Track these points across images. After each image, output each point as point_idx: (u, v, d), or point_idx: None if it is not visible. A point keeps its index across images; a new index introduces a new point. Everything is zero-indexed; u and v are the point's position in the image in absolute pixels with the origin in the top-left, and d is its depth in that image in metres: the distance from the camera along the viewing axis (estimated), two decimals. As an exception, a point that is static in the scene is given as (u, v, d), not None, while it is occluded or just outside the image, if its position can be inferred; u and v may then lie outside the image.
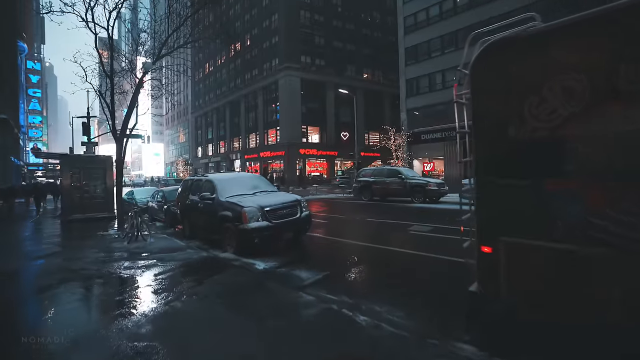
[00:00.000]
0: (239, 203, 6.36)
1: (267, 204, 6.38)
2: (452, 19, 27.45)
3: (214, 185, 7.30)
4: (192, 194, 8.20)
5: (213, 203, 6.97)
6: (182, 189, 9.04)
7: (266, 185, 7.92)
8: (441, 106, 28.57)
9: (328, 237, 7.87)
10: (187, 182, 8.99)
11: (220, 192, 7.04)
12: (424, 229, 8.23)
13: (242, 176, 8.16)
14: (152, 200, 12.86)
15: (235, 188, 7.24)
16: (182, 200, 8.73)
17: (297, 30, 43.31)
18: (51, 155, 13.18)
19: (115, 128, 9.42)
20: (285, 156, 42.52)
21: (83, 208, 12.97)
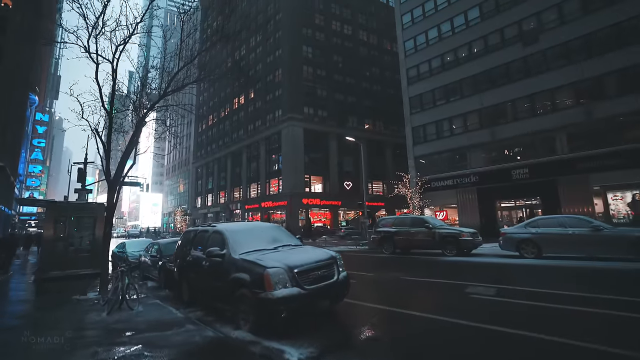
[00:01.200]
0: (260, 262, 4.82)
1: (297, 263, 4.83)
2: (454, 69, 28.13)
3: (224, 237, 5.81)
4: (195, 249, 6.68)
5: (223, 261, 5.43)
6: (183, 242, 7.51)
7: (288, 237, 6.43)
8: (449, 153, 28.08)
9: (370, 304, 6.12)
10: (188, 233, 7.48)
11: (232, 247, 5.53)
12: (486, 291, 6.53)
13: (258, 226, 6.63)
14: (145, 254, 11.14)
15: (252, 241, 5.76)
16: (182, 256, 7.16)
17: (300, 84, 44.83)
18: (36, 203, 11.80)
19: (109, 170, 8.15)
20: (288, 206, 41.14)
21: (64, 263, 11.18)
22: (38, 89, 49.61)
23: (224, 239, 5.77)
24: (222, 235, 5.92)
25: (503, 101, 25.04)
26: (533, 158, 22.98)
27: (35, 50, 43.49)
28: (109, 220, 7.98)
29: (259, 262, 4.79)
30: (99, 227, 11.99)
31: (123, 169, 8.19)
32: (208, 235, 6.44)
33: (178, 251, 7.55)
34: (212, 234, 6.35)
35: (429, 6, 30.82)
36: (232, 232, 5.97)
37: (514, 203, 25.36)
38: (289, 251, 5.50)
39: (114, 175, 8.14)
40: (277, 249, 5.59)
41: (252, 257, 5.08)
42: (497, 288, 6.74)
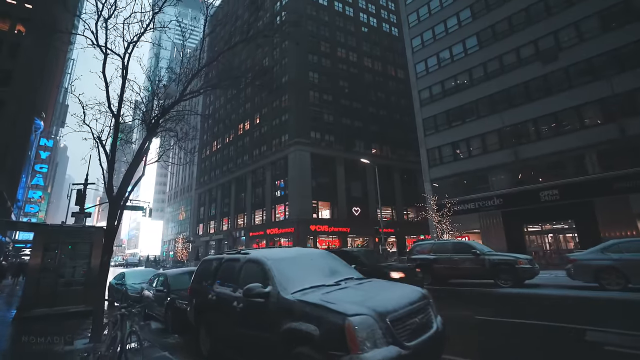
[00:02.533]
0: (331, 305, 3.24)
1: (387, 306, 3.24)
2: (469, 90, 27.47)
3: (266, 269, 4.27)
4: (221, 284, 5.09)
5: (268, 303, 3.84)
6: (200, 273, 5.94)
7: (346, 267, 4.87)
8: (468, 175, 26.73)
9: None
10: (208, 263, 5.91)
11: (280, 283, 3.97)
12: (621, 340, 4.83)
13: (304, 253, 4.97)
14: (148, 287, 9.44)
15: (304, 274, 4.23)
16: (200, 293, 5.56)
17: (307, 108, 44.49)
18: (18, 226, 10.08)
19: (111, 184, 6.72)
20: (295, 233, 39.22)
21: (52, 299, 9.50)
22: (44, 115, 49.43)
23: (266, 272, 4.21)
24: (262, 266, 4.36)
25: (524, 120, 24.07)
26: (562, 178, 21.57)
27: (44, 76, 43.65)
28: (109, 247, 6.43)
29: (330, 306, 3.20)
30: (95, 254, 10.39)
31: (128, 183, 6.74)
32: (239, 266, 4.88)
33: (194, 285, 5.94)
34: (245, 264, 4.79)
35: (439, 29, 30.80)
36: (276, 261, 4.40)
37: (542, 227, 23.65)
38: (360, 287, 3.93)
39: (117, 190, 6.69)
40: (342, 285, 4.03)
41: (315, 297, 3.51)
42: (630, 335, 5.03)
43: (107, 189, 6.79)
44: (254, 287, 3.99)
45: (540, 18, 24.35)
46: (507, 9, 26.24)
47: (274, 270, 4.16)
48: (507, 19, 26.24)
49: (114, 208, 6.77)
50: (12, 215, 37.72)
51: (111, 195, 6.74)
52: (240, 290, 4.50)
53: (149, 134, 6.81)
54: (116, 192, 6.70)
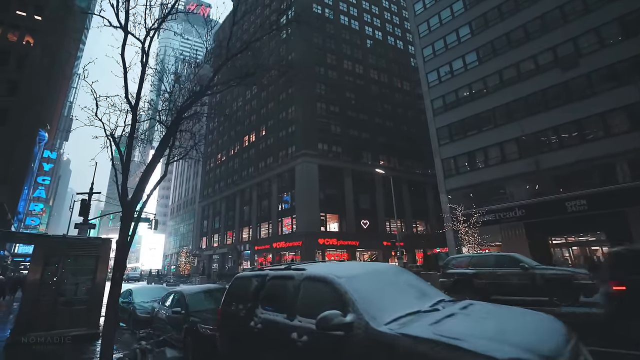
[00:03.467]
0: (463, 344, 2.20)
1: (543, 345, 2.21)
2: (484, 98, 26.79)
3: (340, 290, 3.26)
4: (267, 309, 4.03)
5: (352, 338, 2.82)
6: (234, 294, 4.90)
7: (430, 286, 3.83)
8: (487, 185, 25.69)
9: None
10: (245, 281, 4.87)
11: (365, 309, 2.98)
12: None
13: (376, 269, 3.83)
14: (161, 307, 8.32)
15: (390, 297, 3.22)
16: (236, 319, 4.50)
17: (314, 120, 43.93)
18: (18, 238, 8.96)
19: (126, 188, 5.75)
20: (303, 246, 37.94)
21: (51, 320, 8.38)
22: (49, 127, 49.09)
23: (341, 294, 3.18)
24: (332, 287, 3.33)
25: (544, 128, 23.22)
26: (590, 188, 20.50)
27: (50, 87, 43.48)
28: (121, 261, 5.40)
29: (462, 345, 2.15)
30: (101, 269, 9.33)
31: (145, 185, 5.77)
32: (294, 286, 3.84)
33: (227, 308, 4.87)
34: (303, 282, 3.76)
35: (451, 38, 30.41)
36: (350, 279, 3.36)
37: (568, 239, 22.45)
38: (471, 312, 2.91)
39: (133, 194, 5.72)
40: (441, 309, 3.02)
41: (423, 329, 2.50)
42: None
43: (120, 193, 5.81)
44: (333, 315, 2.95)
45: (557, 25, 23.87)
46: (522, 17, 25.84)
47: (351, 293, 3.13)
48: (522, 26, 25.80)
49: (128, 215, 5.77)
50: (12, 227, 36.67)
51: (125, 199, 5.76)
52: (299, 318, 3.46)
53: (173, 124, 5.88)
54: (131, 196, 5.71)
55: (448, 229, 26.10)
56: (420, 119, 56.94)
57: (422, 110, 58.01)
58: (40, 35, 34.30)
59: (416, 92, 58.65)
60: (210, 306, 7.23)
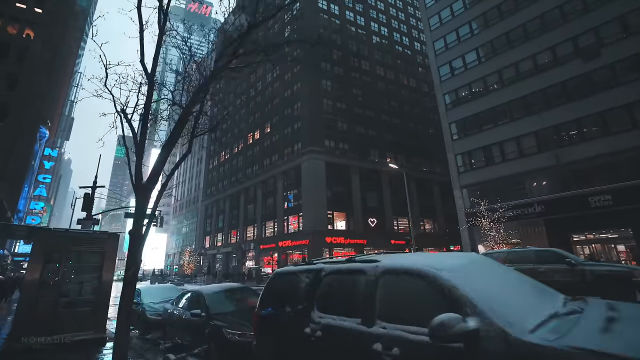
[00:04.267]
0: None
1: None
2: (500, 91, 25.86)
3: (448, 286, 2.42)
4: (322, 311, 3.20)
5: (480, 352, 1.97)
6: (275, 293, 4.03)
7: (536, 281, 3.02)
8: (504, 181, 24.74)
9: None
10: (291, 277, 4.00)
11: (492, 310, 2.14)
12: None
13: (475, 259, 2.92)
14: (174, 308, 7.43)
15: (515, 293, 2.40)
16: (281, 324, 3.62)
17: (320, 116, 43.06)
18: (16, 231, 7.94)
19: (140, 170, 4.85)
20: (310, 245, 37.04)
21: (52, 323, 7.51)
22: (50, 124, 48.28)
23: (449, 291, 2.34)
24: (434, 281, 2.47)
25: (565, 121, 22.28)
26: (616, 182, 19.55)
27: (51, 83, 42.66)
28: (135, 256, 4.50)
29: None
30: (107, 267, 8.44)
31: (162, 166, 4.88)
32: (368, 282, 2.97)
33: (265, 312, 3.96)
34: (382, 278, 2.89)
35: (463, 31, 29.48)
36: (454, 271, 2.53)
37: (588, 236, 21.54)
38: (627, 316, 2.06)
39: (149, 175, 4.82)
40: (589, 312, 2.19)
41: (601, 341, 1.68)
42: None
43: (135, 176, 4.91)
44: (452, 321, 2.07)
45: (577, 15, 22.93)
46: (538, 8, 24.91)
47: (463, 288, 2.25)
48: (539, 17, 24.87)
49: (143, 201, 4.88)
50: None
51: (140, 183, 4.86)
52: (381, 324, 2.59)
53: (201, 87, 4.98)
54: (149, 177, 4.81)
55: (463, 226, 25.17)
56: (427, 116, 56.03)
57: (429, 107, 57.18)
58: (40, 28, 33.47)
59: (422, 90, 57.74)
60: (233, 308, 6.35)
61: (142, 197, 4.84)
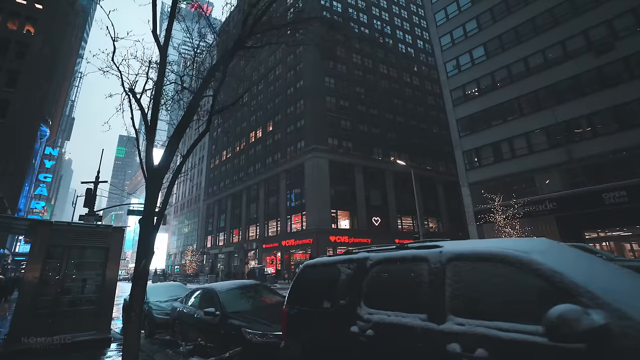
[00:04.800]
0: None
1: None
2: (509, 87, 25.35)
3: (549, 273, 1.93)
4: (370, 306, 2.75)
5: (613, 353, 1.50)
6: (308, 287, 3.55)
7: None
8: (513, 177, 24.25)
9: None
10: (327, 268, 3.55)
11: (620, 301, 1.60)
12: None
13: (553, 243, 2.49)
14: (183, 307, 6.95)
15: (620, 280, 1.86)
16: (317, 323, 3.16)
17: (324, 114, 42.59)
18: (13, 224, 7.34)
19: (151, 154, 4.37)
20: (314, 244, 36.53)
21: (53, 323, 7.02)
22: (51, 122, 47.81)
23: (557, 278, 1.87)
24: (529, 266, 2.00)
25: (577, 116, 21.79)
26: (632, 177, 19.04)
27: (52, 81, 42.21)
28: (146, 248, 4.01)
29: None
30: (112, 264, 7.95)
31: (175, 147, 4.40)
32: (434, 270, 2.52)
33: (296, 308, 3.47)
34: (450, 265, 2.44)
35: (470, 26, 28.99)
36: (545, 254, 2.05)
37: (600, 234, 21.05)
38: None
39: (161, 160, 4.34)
40: None
41: None
42: None
43: (145, 159, 4.42)
44: (575, 313, 1.66)
45: (589, 7, 22.42)
46: (548, 1, 24.39)
47: (577, 277, 1.78)
48: (549, 11, 24.37)
49: (154, 187, 4.39)
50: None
51: (151, 167, 4.37)
52: (455, 319, 2.13)
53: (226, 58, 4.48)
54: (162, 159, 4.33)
55: (472, 224, 24.67)
56: (430, 114, 55.55)
57: (432, 106, 56.73)
58: (41, 24, 33.03)
59: (426, 88, 57.26)
60: (249, 306, 5.86)
61: (154, 182, 4.36)
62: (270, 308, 5.83)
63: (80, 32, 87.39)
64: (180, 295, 8.76)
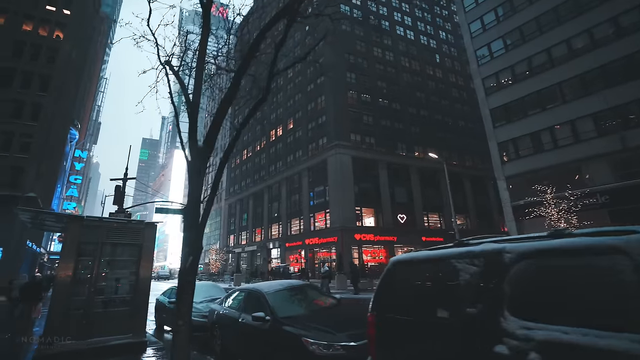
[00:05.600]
0: None
1: None
2: (549, 72, 23.53)
3: None
4: (520, 317, 1.88)
5: None
6: (403, 289, 2.77)
7: None
8: (555, 170, 22.47)
9: None
10: (439, 265, 2.67)
11: None
12: None
13: None
14: (222, 309, 6.27)
15: None
16: (426, 335, 2.40)
17: (346, 110, 41.65)
18: (44, 219, 7.04)
19: (195, 130, 3.64)
20: (339, 242, 35.70)
21: (86, 325, 6.52)
22: (79, 126, 49.34)
23: None
24: None
25: (631, 100, 19.80)
26: (700, 168, 17.06)
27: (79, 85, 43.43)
28: (194, 240, 3.28)
29: None
30: (145, 262, 7.38)
31: (223, 118, 3.67)
32: None
33: (389, 315, 2.65)
34: None
35: (503, 9, 27.21)
36: None
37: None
38: None
39: (205, 137, 3.59)
40: None
41: None
42: None
43: (189, 137, 3.71)
44: None
45: (642, -20, 20.36)
46: (593, -24, 22.42)
47: None
48: (594, -13, 22.38)
49: (199, 170, 3.67)
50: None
51: (195, 146, 3.65)
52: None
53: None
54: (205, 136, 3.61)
55: (510, 220, 23.08)
56: (455, 107, 53.40)
57: (457, 98, 54.52)
58: (69, 29, 33.85)
59: (450, 80, 55.12)
60: (303, 311, 5.08)
61: (199, 164, 3.66)
62: (327, 312, 5.05)
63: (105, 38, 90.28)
64: (215, 296, 8.15)
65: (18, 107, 29.35)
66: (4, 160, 27.67)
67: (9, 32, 30.92)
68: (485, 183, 50.37)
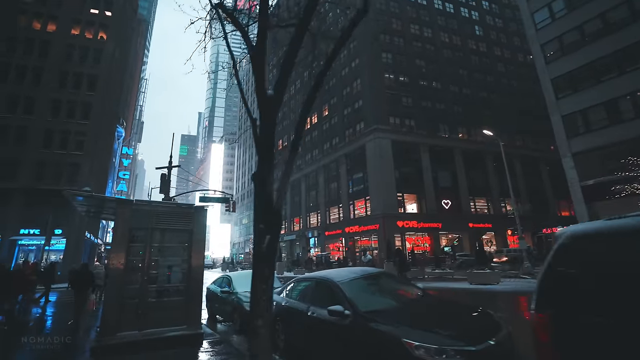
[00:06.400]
0: None
1: None
2: (626, 29, 20.16)
3: None
4: None
5: None
6: (591, 277, 1.58)
7: None
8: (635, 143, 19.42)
9: None
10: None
11: None
12: None
13: None
14: (286, 300, 5.52)
15: None
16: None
17: (383, 92, 39.67)
18: (94, 204, 6.84)
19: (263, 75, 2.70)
20: (381, 230, 34.47)
21: (142, 316, 6.09)
22: (125, 124, 51.95)
23: None
24: None
25: None
26: None
27: (123, 83, 45.45)
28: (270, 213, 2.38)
29: None
30: (196, 248, 6.81)
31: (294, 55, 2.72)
32: None
33: (575, 314, 1.56)
34: None
35: (566, -38, 23.78)
36: None
37: None
38: None
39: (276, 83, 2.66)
40: None
41: None
42: None
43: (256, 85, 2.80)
44: None
45: None
46: None
47: None
48: None
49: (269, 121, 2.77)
50: (101, 220, 39.08)
51: (264, 94, 2.75)
52: None
53: None
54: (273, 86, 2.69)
55: (580, 204, 20.49)
56: (501, 83, 49.03)
57: (503, 73, 49.98)
58: (111, 30, 35.14)
59: (495, 54, 50.63)
60: (389, 303, 4.13)
61: (268, 114, 2.80)
62: (418, 305, 4.09)
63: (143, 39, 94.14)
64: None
65: (71, 107, 31.08)
66: (62, 157, 29.55)
67: (60, 37, 32.64)
68: (538, 164, 46.10)
